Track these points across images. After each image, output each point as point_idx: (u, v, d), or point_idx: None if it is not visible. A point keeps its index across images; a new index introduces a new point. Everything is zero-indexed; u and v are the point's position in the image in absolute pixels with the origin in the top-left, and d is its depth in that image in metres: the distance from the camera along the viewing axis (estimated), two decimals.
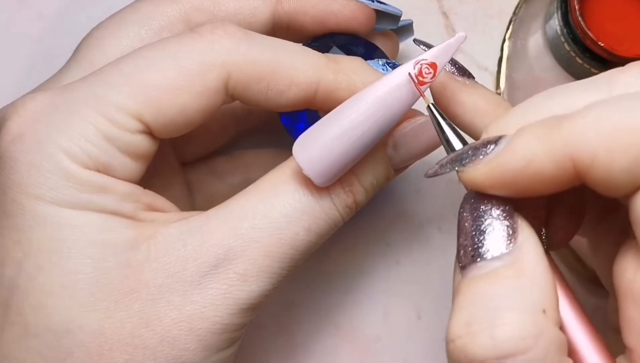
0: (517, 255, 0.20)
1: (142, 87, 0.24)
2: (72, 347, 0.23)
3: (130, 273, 0.23)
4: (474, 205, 0.21)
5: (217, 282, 0.24)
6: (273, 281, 0.25)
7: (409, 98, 0.24)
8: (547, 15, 0.35)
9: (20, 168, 0.23)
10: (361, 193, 0.26)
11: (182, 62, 0.24)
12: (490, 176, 0.21)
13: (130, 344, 0.23)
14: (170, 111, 0.24)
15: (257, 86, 0.25)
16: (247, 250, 0.24)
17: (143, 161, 0.25)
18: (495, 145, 0.21)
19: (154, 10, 0.27)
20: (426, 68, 0.23)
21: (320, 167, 0.23)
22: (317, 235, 0.25)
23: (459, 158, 0.22)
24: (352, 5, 0.28)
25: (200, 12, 0.27)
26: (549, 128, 0.20)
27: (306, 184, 0.24)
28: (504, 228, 0.21)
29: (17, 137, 0.24)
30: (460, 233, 0.21)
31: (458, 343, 0.19)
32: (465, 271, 0.21)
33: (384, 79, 0.24)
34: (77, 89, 0.24)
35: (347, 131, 0.23)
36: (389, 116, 0.23)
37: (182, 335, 0.23)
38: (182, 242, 0.24)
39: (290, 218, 0.24)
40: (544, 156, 0.20)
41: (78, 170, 0.23)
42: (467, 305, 0.20)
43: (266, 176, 0.25)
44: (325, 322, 0.35)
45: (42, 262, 0.23)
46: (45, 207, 0.23)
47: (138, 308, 0.23)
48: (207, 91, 0.24)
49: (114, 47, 0.26)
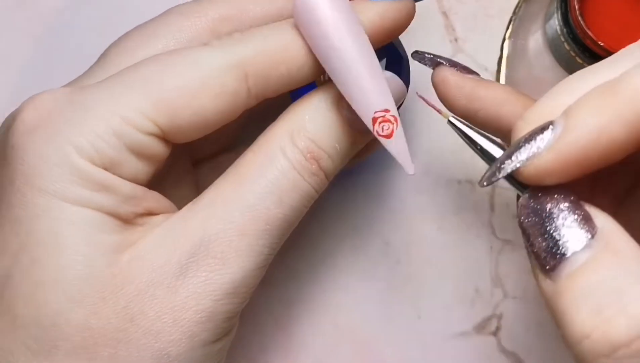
0: (606, 238, 0.20)
1: (159, 90, 0.24)
2: (58, 340, 0.23)
3: (118, 272, 0.23)
4: (537, 206, 0.21)
5: (197, 270, 0.24)
6: (255, 260, 0.25)
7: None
8: (547, 15, 0.35)
9: (29, 159, 0.24)
10: (325, 159, 0.26)
11: (199, 67, 0.24)
12: (560, 159, 0.20)
13: (115, 338, 0.23)
14: (187, 113, 0.24)
15: (276, 71, 0.25)
16: (222, 233, 0.24)
17: (152, 164, 0.25)
18: (550, 130, 0.20)
19: (185, 23, 0.27)
20: (383, 125, 0.24)
21: None
22: (291, 207, 0.25)
23: (511, 156, 0.21)
24: None
25: (227, 22, 0.27)
26: (604, 97, 0.20)
27: (269, 159, 0.25)
28: (579, 218, 0.20)
29: (31, 129, 0.24)
30: (531, 239, 0.21)
31: (595, 336, 0.19)
32: (557, 272, 0.20)
33: None
34: (96, 89, 0.25)
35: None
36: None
37: (166, 327, 0.24)
38: (163, 238, 0.24)
39: (259, 194, 0.25)
40: (613, 123, 0.19)
41: (85, 165, 0.24)
42: (586, 300, 0.19)
43: (233, 164, 0.26)
44: (324, 322, 0.35)
45: (37, 255, 0.23)
46: (46, 200, 0.23)
47: (124, 304, 0.23)
48: (225, 93, 0.24)
49: (143, 58, 0.26)
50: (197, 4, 0.27)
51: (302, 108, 0.26)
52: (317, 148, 0.25)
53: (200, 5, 0.27)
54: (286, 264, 0.34)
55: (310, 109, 0.26)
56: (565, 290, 0.20)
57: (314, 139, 0.25)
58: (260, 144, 0.26)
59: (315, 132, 0.26)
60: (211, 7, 0.27)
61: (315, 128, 0.26)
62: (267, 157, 0.25)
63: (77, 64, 0.28)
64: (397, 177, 0.36)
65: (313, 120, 0.26)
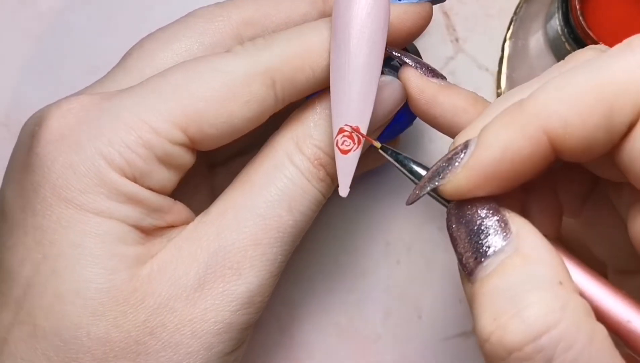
0: (517, 242, 0.20)
1: (189, 98, 0.24)
2: (79, 353, 0.23)
3: (139, 286, 0.24)
4: (459, 214, 0.22)
5: (214, 282, 0.24)
6: (269, 269, 0.25)
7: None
8: (547, 15, 0.35)
9: (56, 168, 0.23)
10: (331, 164, 0.26)
11: (228, 75, 0.24)
12: (472, 176, 0.21)
13: (134, 351, 0.23)
14: (216, 122, 0.24)
15: (302, 74, 0.25)
16: (236, 243, 0.24)
17: (178, 173, 0.25)
18: (466, 148, 0.21)
19: (208, 27, 0.27)
20: (345, 140, 0.24)
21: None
22: (301, 214, 0.25)
23: (435, 174, 0.22)
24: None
25: (251, 26, 0.27)
26: (512, 114, 0.21)
27: (277, 167, 0.25)
28: (495, 224, 0.21)
29: (58, 137, 0.24)
30: (455, 245, 0.22)
31: (493, 340, 0.19)
32: (474, 276, 0.21)
33: None
34: (124, 96, 0.24)
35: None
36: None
37: (185, 339, 0.24)
38: (180, 250, 0.24)
39: (270, 202, 0.25)
40: (517, 138, 0.20)
41: (113, 176, 0.23)
42: (488, 304, 0.20)
43: (240, 173, 0.26)
44: (325, 322, 0.35)
45: (59, 267, 0.23)
46: (71, 211, 0.23)
47: (144, 318, 0.23)
48: (254, 100, 0.25)
49: (165, 60, 0.26)
50: (220, 8, 0.27)
51: (306, 115, 0.26)
52: (323, 154, 0.26)
53: (223, 9, 0.27)
54: (287, 265, 0.34)
55: (314, 116, 0.26)
56: (477, 293, 0.20)
57: (319, 145, 0.26)
58: (266, 152, 0.26)
59: (321, 138, 0.26)
60: (235, 11, 0.27)
61: (321, 135, 0.26)
62: (274, 165, 0.25)
63: (77, 64, 0.28)
64: (397, 177, 0.36)
65: (318, 127, 0.26)
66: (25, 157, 0.24)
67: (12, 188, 0.24)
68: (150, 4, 0.29)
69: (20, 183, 0.24)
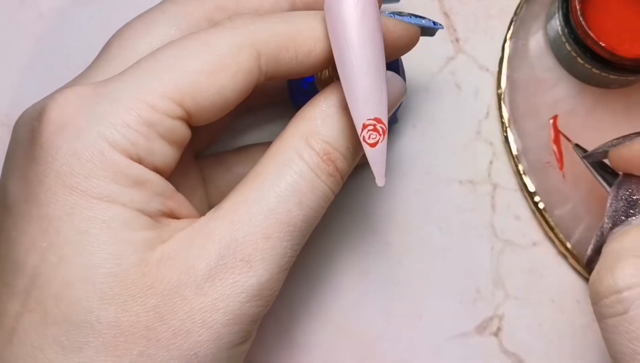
0: None
1: (182, 73, 0.25)
2: (89, 337, 0.23)
3: (148, 271, 0.24)
4: (626, 182, 0.29)
5: (226, 273, 0.24)
6: (279, 263, 0.25)
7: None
8: (548, 16, 0.35)
9: (60, 156, 0.24)
10: (340, 159, 0.26)
11: (215, 48, 0.25)
12: None
13: (145, 337, 0.23)
14: (209, 92, 0.25)
15: (286, 54, 0.26)
16: (248, 236, 0.25)
17: (179, 149, 0.26)
18: None
19: (181, 10, 0.28)
20: (371, 133, 0.25)
21: None
22: (311, 209, 0.26)
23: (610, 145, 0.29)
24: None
25: (222, 11, 0.28)
26: None
27: (286, 163, 0.26)
28: None
29: (60, 127, 0.24)
30: (612, 207, 0.28)
31: (591, 287, 0.26)
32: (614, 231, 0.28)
33: None
34: (118, 80, 0.25)
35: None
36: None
37: (195, 327, 0.24)
38: (190, 241, 0.25)
39: (280, 197, 0.25)
40: None
41: (117, 157, 0.24)
42: (601, 260, 0.27)
43: (251, 170, 0.27)
44: (326, 322, 0.35)
45: (66, 254, 0.23)
46: (76, 198, 0.23)
47: (154, 303, 0.24)
48: (242, 71, 0.25)
49: (146, 46, 0.27)
50: None
51: (313, 113, 0.26)
52: (332, 149, 0.26)
53: None
54: None
55: (321, 113, 0.26)
56: (603, 249, 0.28)
57: (328, 141, 0.26)
58: (276, 149, 0.26)
59: (329, 134, 0.26)
60: None
61: (328, 131, 0.26)
62: (284, 161, 0.26)
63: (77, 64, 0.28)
64: (398, 177, 0.36)
65: (325, 123, 0.26)
66: (26, 151, 0.24)
67: (14, 182, 0.25)
68: (150, 4, 0.29)
69: (24, 175, 0.24)
